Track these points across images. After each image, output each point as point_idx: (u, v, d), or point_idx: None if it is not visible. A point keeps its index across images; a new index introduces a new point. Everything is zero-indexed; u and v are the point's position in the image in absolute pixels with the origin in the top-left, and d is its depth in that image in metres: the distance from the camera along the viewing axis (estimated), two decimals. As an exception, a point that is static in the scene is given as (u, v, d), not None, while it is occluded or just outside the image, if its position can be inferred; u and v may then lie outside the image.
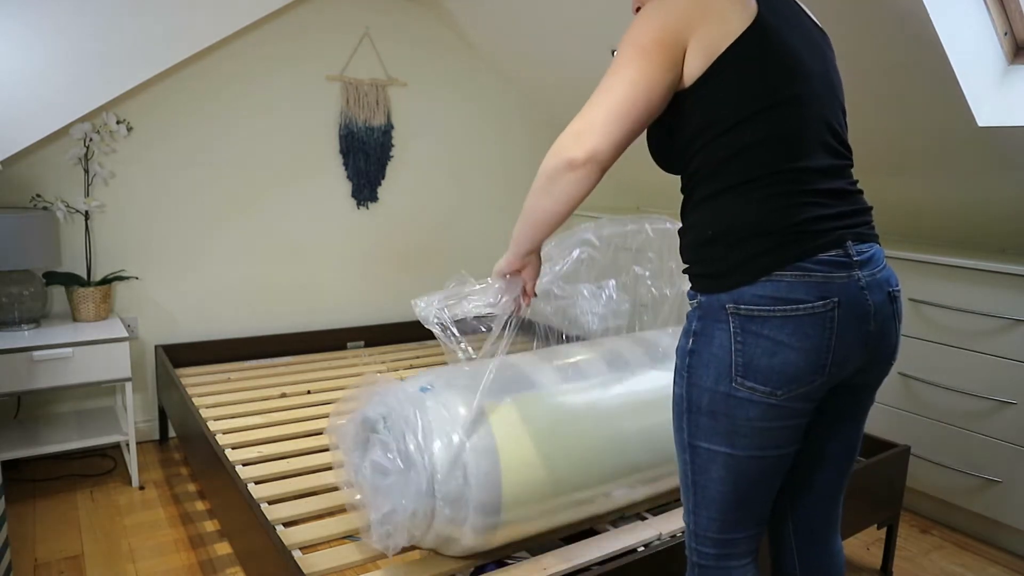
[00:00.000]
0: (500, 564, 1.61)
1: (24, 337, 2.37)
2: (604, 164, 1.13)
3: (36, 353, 2.29)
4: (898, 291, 1.20)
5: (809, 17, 1.23)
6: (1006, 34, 2.16)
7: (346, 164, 3.23)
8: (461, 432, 1.48)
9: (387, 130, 3.30)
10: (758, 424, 1.13)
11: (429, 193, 3.49)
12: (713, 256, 1.15)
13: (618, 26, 2.67)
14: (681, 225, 1.23)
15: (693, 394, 1.16)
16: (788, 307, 1.09)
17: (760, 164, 1.12)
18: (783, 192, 1.12)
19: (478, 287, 1.44)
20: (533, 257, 1.36)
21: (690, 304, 1.20)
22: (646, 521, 1.79)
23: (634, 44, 1.10)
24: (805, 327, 1.09)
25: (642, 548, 1.66)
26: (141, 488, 2.51)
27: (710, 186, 1.15)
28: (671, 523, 1.77)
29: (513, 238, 1.31)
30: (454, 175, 3.55)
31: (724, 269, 1.13)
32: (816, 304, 1.09)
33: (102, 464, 2.71)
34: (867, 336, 1.15)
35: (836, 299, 1.10)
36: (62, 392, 2.74)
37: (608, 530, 1.75)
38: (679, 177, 1.25)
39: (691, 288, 1.20)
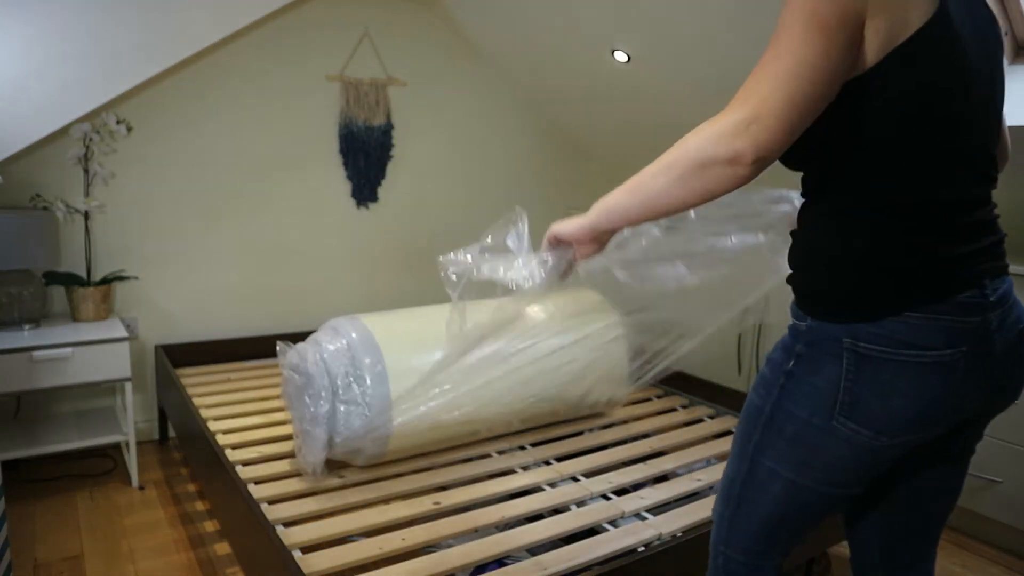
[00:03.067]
0: (500, 564, 1.61)
1: (24, 337, 2.36)
2: (769, 164, 0.93)
3: (36, 353, 2.28)
4: None
5: (988, 10, 1.06)
6: (1006, 34, 2.16)
7: (346, 164, 3.23)
8: (365, 377, 1.90)
9: (387, 130, 3.29)
10: (844, 463, 1.04)
11: (429, 193, 3.49)
12: (835, 281, 1.02)
13: (618, 26, 2.67)
14: (798, 228, 1.08)
15: (779, 415, 1.07)
16: (912, 352, 0.97)
17: (911, 189, 0.96)
18: (930, 225, 0.97)
19: (519, 254, 1.26)
20: (607, 237, 1.13)
21: (795, 321, 1.07)
22: (646, 521, 1.79)
23: (814, 15, 0.88)
24: (927, 375, 0.98)
25: (642, 548, 1.66)
26: (141, 488, 2.51)
27: (845, 199, 1.00)
28: (671, 523, 1.77)
29: (603, 206, 1.06)
30: (454, 175, 3.55)
31: (846, 299, 1.01)
32: (944, 352, 0.97)
33: (102, 464, 2.71)
34: (990, 382, 1.04)
35: (964, 348, 0.98)
36: (62, 392, 2.74)
37: (608, 530, 1.75)
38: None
39: (798, 304, 1.07)
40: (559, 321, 2.29)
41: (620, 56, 2.84)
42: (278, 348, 2.01)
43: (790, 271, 1.09)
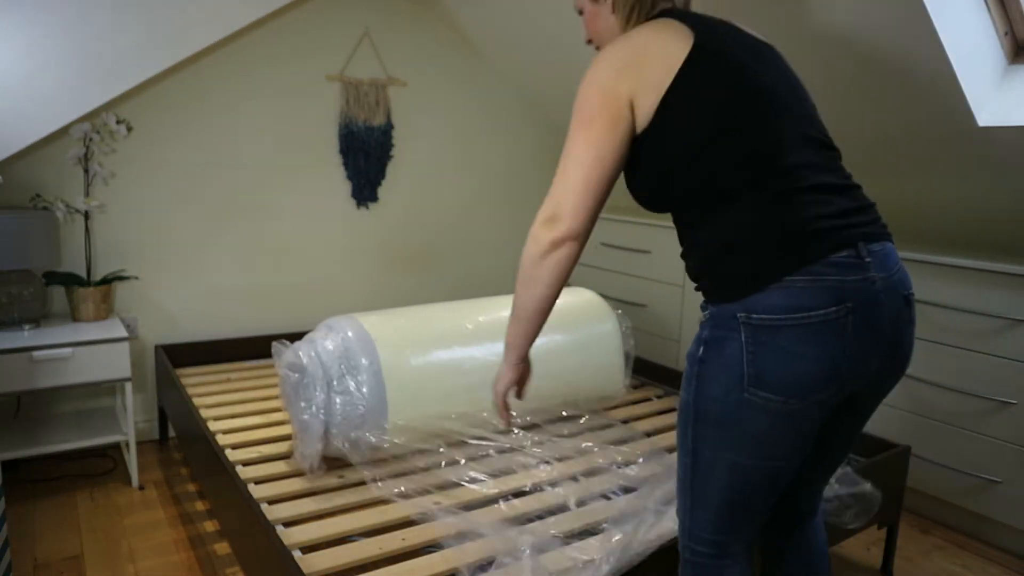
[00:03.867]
0: (500, 564, 1.61)
1: (24, 337, 2.36)
2: (582, 237, 1.19)
3: (36, 353, 2.28)
4: (912, 294, 1.17)
5: (751, 35, 1.24)
6: (1006, 34, 2.16)
7: (346, 164, 3.23)
8: (361, 372, 1.92)
9: (387, 130, 3.29)
10: (769, 433, 1.11)
11: (429, 193, 3.49)
12: (720, 268, 1.13)
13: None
14: (682, 249, 1.23)
15: (701, 403, 1.15)
16: (800, 315, 1.06)
17: (746, 172, 1.10)
18: (776, 194, 1.10)
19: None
20: (524, 365, 1.37)
21: (702, 315, 1.19)
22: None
23: (577, 115, 1.17)
24: (818, 334, 1.06)
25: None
26: (141, 488, 2.51)
27: (701, 208, 1.15)
28: (671, 523, 1.76)
29: (508, 345, 1.33)
30: (454, 175, 3.55)
31: (733, 279, 1.11)
32: (829, 310, 1.06)
33: (102, 464, 2.71)
34: (882, 342, 1.12)
35: (850, 304, 1.07)
36: (62, 392, 2.74)
37: (608, 530, 1.75)
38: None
39: (703, 300, 1.19)
40: (553, 317, 2.31)
41: (620, 56, 2.83)
42: (273, 349, 2.01)
43: (690, 271, 1.23)
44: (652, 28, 1.17)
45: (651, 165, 1.17)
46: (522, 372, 1.36)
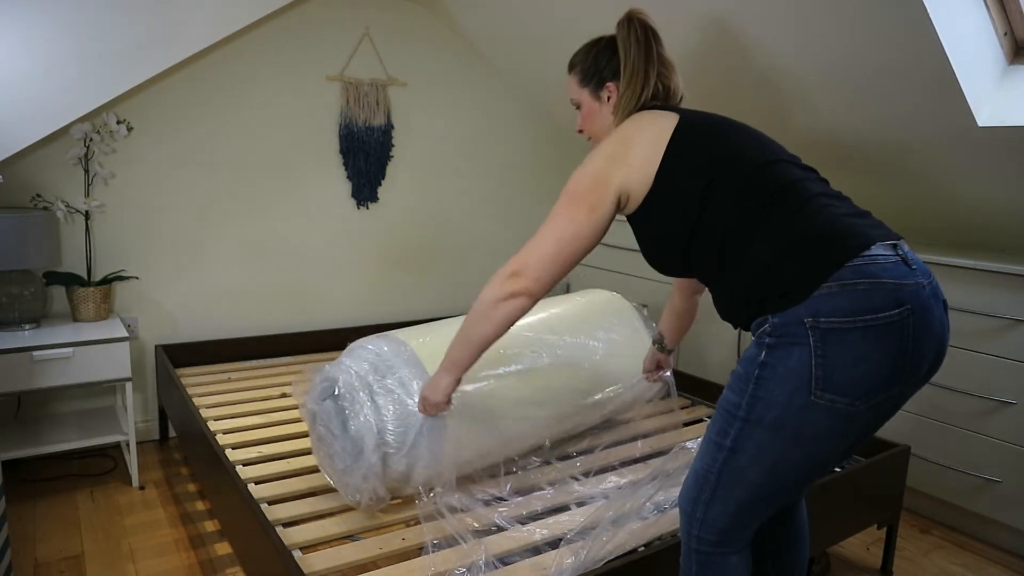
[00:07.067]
0: (501, 563, 1.61)
1: (24, 337, 2.37)
2: (536, 297, 1.34)
3: (36, 353, 2.29)
4: (947, 301, 1.23)
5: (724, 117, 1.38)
6: (1006, 34, 2.16)
7: (346, 164, 3.23)
8: (411, 403, 1.73)
9: (387, 130, 3.30)
10: (824, 435, 1.13)
11: (429, 193, 3.49)
12: (774, 278, 1.16)
13: (618, 26, 2.67)
14: (717, 294, 1.28)
15: (756, 407, 1.15)
16: (869, 317, 1.09)
17: (751, 201, 1.20)
18: (792, 208, 1.19)
19: None
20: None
21: (760, 331, 1.18)
22: (646, 521, 1.79)
23: (565, 194, 1.32)
24: (884, 337, 1.10)
25: (642, 548, 1.66)
26: (141, 488, 2.51)
27: (730, 249, 1.22)
28: (671, 523, 1.76)
29: (451, 361, 1.48)
30: (454, 175, 3.55)
31: (790, 282, 1.14)
32: (893, 313, 1.10)
33: (102, 464, 2.71)
34: (933, 345, 1.16)
35: (909, 307, 1.11)
36: (62, 392, 2.74)
37: (607, 530, 1.75)
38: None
39: (757, 317, 1.19)
40: (583, 323, 2.27)
41: (620, 56, 2.83)
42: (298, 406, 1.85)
43: (729, 316, 1.27)
44: (640, 118, 1.33)
45: (667, 231, 1.28)
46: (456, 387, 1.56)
